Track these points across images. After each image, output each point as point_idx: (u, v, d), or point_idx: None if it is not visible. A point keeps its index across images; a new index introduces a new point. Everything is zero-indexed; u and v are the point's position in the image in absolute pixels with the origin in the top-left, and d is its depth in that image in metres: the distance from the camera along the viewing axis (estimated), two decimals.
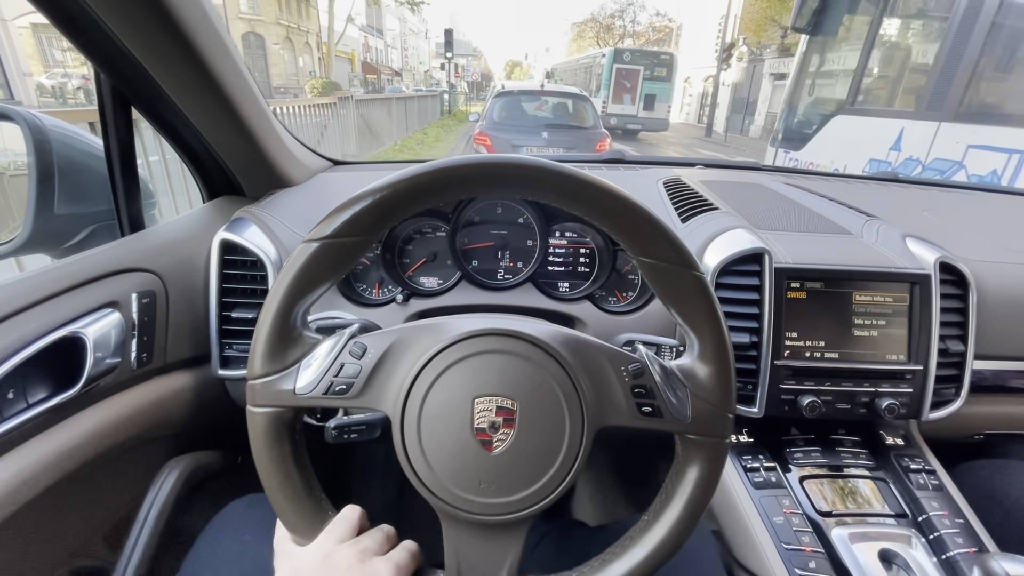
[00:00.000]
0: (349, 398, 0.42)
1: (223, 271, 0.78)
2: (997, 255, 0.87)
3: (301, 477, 0.43)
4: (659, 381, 0.43)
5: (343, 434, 0.63)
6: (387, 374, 0.43)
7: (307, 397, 0.41)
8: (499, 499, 0.41)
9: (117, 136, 0.74)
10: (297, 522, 0.43)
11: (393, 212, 0.40)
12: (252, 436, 0.42)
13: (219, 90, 0.70)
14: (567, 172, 0.40)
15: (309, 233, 0.40)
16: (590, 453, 0.42)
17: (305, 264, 0.40)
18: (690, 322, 0.43)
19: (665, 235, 0.41)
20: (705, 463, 0.44)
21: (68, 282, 0.62)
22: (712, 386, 0.43)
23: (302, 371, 0.42)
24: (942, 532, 0.66)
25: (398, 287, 0.85)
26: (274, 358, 0.41)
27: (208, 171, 0.91)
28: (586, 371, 0.43)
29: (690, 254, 0.42)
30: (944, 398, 0.77)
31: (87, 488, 0.64)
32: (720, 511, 0.75)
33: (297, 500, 0.43)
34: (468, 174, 0.40)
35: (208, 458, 0.85)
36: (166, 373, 0.75)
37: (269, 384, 0.41)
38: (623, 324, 0.84)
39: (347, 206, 0.39)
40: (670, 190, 1.03)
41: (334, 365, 0.42)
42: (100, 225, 0.85)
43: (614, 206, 0.40)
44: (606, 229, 0.42)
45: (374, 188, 0.39)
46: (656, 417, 0.43)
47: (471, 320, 0.45)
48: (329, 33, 19.95)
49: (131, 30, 0.60)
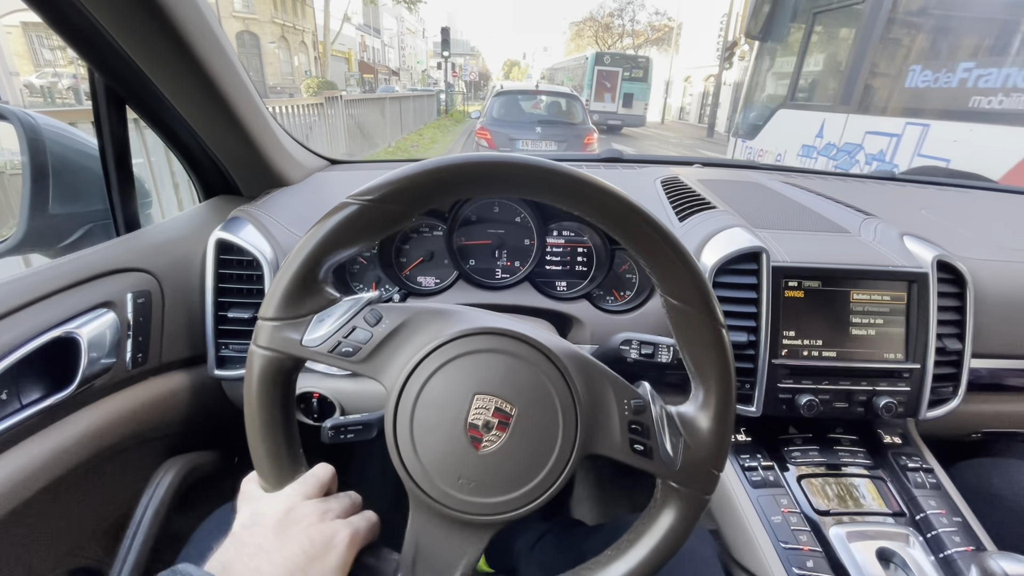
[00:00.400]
0: (353, 362, 0.42)
1: (219, 271, 0.78)
2: (994, 253, 0.87)
3: (284, 427, 0.43)
4: (657, 422, 0.43)
5: (339, 434, 0.63)
6: (396, 348, 0.42)
7: (312, 351, 0.41)
8: (473, 498, 0.40)
9: (112, 135, 0.74)
10: (269, 469, 0.43)
11: (437, 193, 0.40)
12: (247, 375, 0.41)
13: (214, 89, 0.70)
14: (610, 191, 0.39)
15: (352, 194, 0.40)
16: (570, 476, 0.41)
17: (343, 221, 0.40)
18: (701, 371, 0.43)
19: (699, 282, 0.41)
20: (680, 513, 0.43)
21: (62, 282, 0.61)
22: (708, 440, 0.43)
23: (314, 324, 0.42)
24: (940, 531, 0.66)
25: (395, 286, 0.85)
26: (290, 304, 0.41)
27: (204, 170, 0.90)
28: (589, 395, 0.42)
29: (717, 304, 0.41)
30: (941, 397, 0.77)
31: (82, 489, 0.64)
32: (718, 510, 0.74)
33: (275, 448, 0.43)
34: (503, 173, 0.39)
35: (204, 459, 0.85)
36: (162, 373, 0.75)
37: (278, 328, 0.41)
38: (620, 323, 0.83)
39: (398, 176, 0.39)
40: (668, 189, 1.03)
41: (346, 326, 0.42)
42: (95, 224, 0.84)
43: (656, 240, 0.40)
44: (640, 260, 0.42)
45: (426, 164, 0.39)
46: (645, 457, 0.42)
47: (489, 316, 0.44)
48: (325, 32, 19.72)
49: (125, 29, 0.59)
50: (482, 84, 62.08)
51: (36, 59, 15.82)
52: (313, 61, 28.92)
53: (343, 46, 32.54)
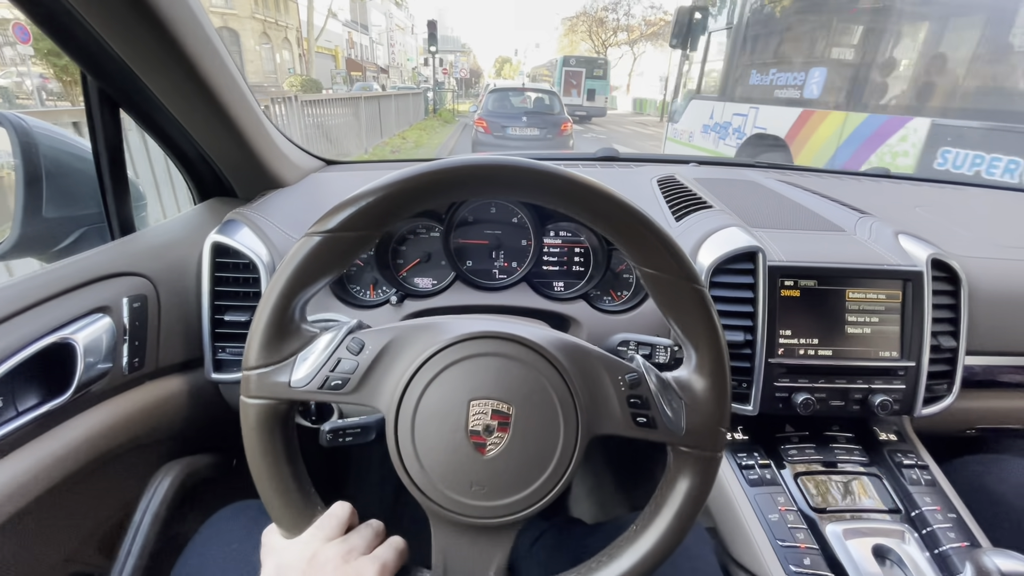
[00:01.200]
0: (344, 394, 0.42)
1: (215, 274, 0.77)
2: (988, 251, 0.87)
3: (291, 471, 0.43)
4: (655, 392, 0.43)
5: (338, 437, 0.63)
6: (384, 371, 0.42)
7: (302, 391, 0.41)
8: (489, 502, 0.41)
9: (105, 138, 0.73)
10: (285, 516, 0.43)
11: (399, 209, 0.40)
12: (244, 427, 0.41)
13: (208, 91, 0.69)
14: (572, 177, 0.39)
15: (312, 226, 0.40)
16: (583, 459, 0.42)
17: (307, 257, 0.40)
18: (689, 334, 0.43)
19: (668, 246, 0.41)
20: (696, 476, 0.44)
21: (57, 287, 0.61)
22: (708, 399, 0.43)
23: (298, 364, 0.42)
24: (935, 527, 0.66)
25: (392, 288, 0.85)
26: (270, 350, 0.41)
27: (199, 172, 0.90)
28: (583, 379, 0.43)
29: (692, 266, 0.42)
30: (936, 394, 0.77)
31: (80, 495, 0.63)
32: (715, 508, 0.75)
33: (286, 494, 0.42)
34: (477, 174, 0.40)
35: (202, 462, 0.85)
36: (158, 378, 0.75)
37: (264, 375, 0.41)
38: (618, 323, 0.84)
39: (353, 201, 0.39)
40: (664, 188, 1.03)
41: (331, 360, 0.42)
42: (90, 228, 0.84)
43: (617, 213, 0.40)
44: (608, 236, 0.42)
45: (381, 184, 0.39)
46: (650, 428, 0.43)
47: (470, 321, 0.44)
48: (309, 28, 19.07)
49: (117, 31, 0.59)
50: (473, 81, 61.03)
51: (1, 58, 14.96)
52: (298, 58, 27.98)
53: (329, 43, 31.62)
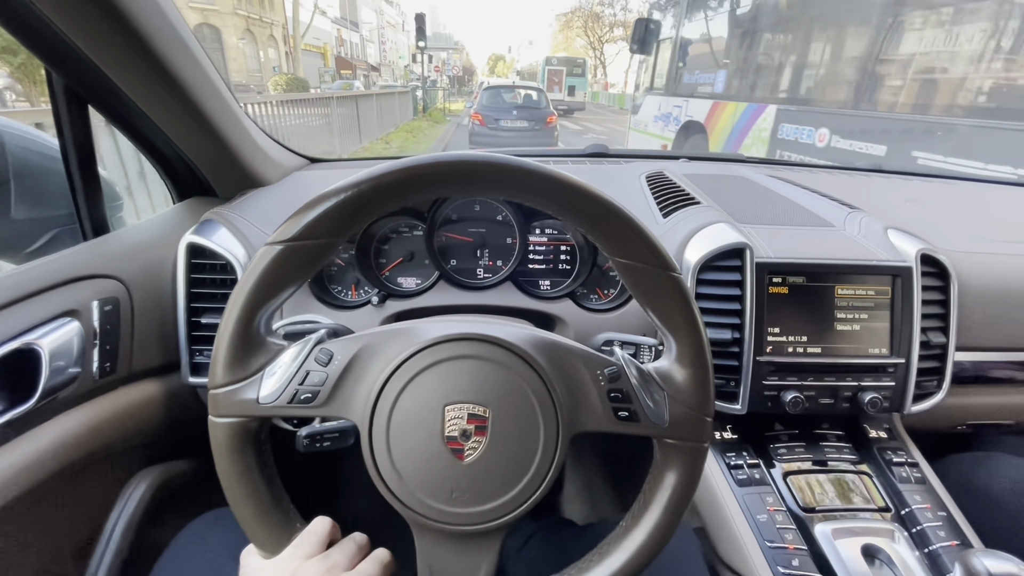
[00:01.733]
0: (315, 407, 0.40)
1: (191, 275, 0.75)
2: (978, 245, 0.87)
3: (267, 488, 0.42)
4: (636, 384, 0.42)
5: (315, 442, 0.61)
6: (354, 381, 0.41)
7: (271, 407, 0.40)
8: (472, 508, 0.40)
9: (74, 137, 0.71)
10: (263, 536, 0.41)
11: (360, 212, 0.38)
12: (215, 448, 0.40)
13: (180, 88, 0.67)
14: (538, 170, 0.38)
15: (272, 235, 0.38)
16: (566, 458, 0.41)
17: (267, 268, 0.38)
18: (667, 324, 0.42)
19: (641, 235, 0.40)
20: (683, 468, 0.43)
21: (21, 291, 0.59)
22: (690, 389, 0.42)
23: (266, 379, 0.40)
24: (924, 525, 0.66)
25: (374, 288, 0.83)
26: (236, 366, 0.40)
27: (176, 171, 0.87)
28: (560, 375, 0.42)
29: (667, 254, 0.40)
30: (926, 391, 0.77)
31: (49, 505, 0.61)
32: (703, 508, 0.74)
33: (263, 513, 0.41)
34: (437, 172, 0.38)
35: (179, 468, 0.83)
36: (132, 382, 0.73)
37: (231, 393, 0.40)
38: (604, 322, 0.82)
39: (311, 207, 0.38)
40: (652, 184, 1.02)
41: (299, 372, 0.40)
42: (63, 229, 0.82)
43: (588, 205, 0.39)
44: (581, 229, 0.41)
45: (339, 187, 0.37)
46: (633, 422, 0.42)
47: (441, 324, 0.43)
48: (294, 24, 18.44)
49: (80, 27, 0.57)
50: (466, 79, 60.08)
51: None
52: (284, 56, 26.84)
53: (318, 40, 30.87)
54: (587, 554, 0.44)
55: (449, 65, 50.71)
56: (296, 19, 18.74)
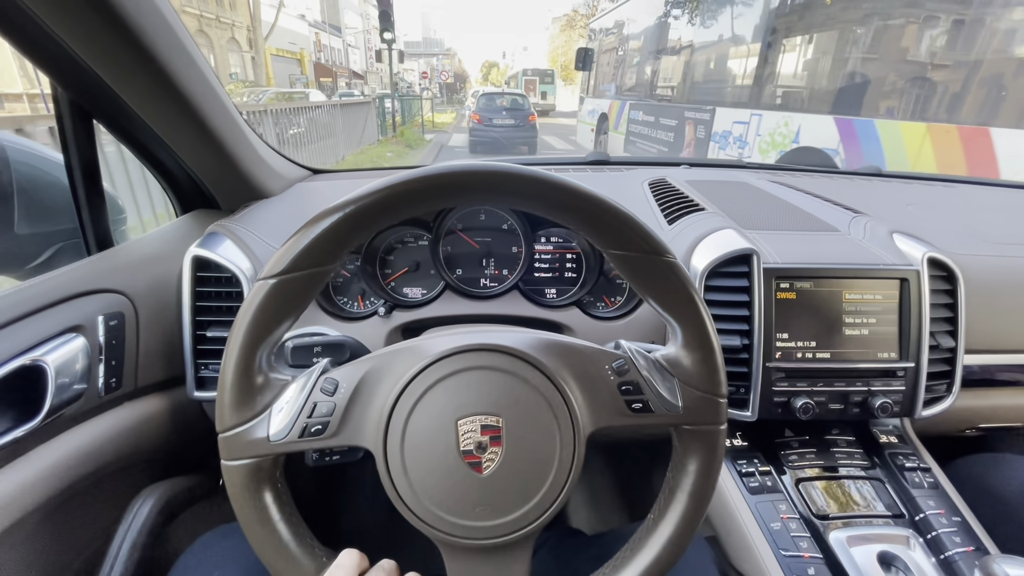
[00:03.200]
0: (326, 438, 0.40)
1: (196, 288, 0.75)
2: (980, 248, 0.87)
3: (289, 527, 0.41)
4: (645, 375, 0.42)
5: (324, 457, 0.61)
6: (363, 407, 0.41)
7: (282, 443, 0.39)
8: (497, 520, 0.39)
9: (79, 151, 0.71)
10: (290, 575, 0.40)
11: (349, 237, 0.38)
12: (231, 492, 0.39)
13: (185, 101, 0.67)
14: (521, 173, 0.38)
15: (264, 269, 0.38)
16: (584, 458, 0.40)
17: (262, 304, 0.38)
18: (669, 310, 0.42)
19: (630, 223, 0.40)
20: (703, 452, 0.43)
21: (26, 307, 0.58)
22: (700, 372, 0.42)
23: (274, 416, 0.40)
24: (939, 531, 0.65)
25: (380, 299, 0.83)
26: (242, 407, 0.39)
27: (180, 184, 0.87)
28: (570, 375, 0.42)
29: (659, 240, 0.40)
30: (936, 394, 0.76)
31: (55, 524, 0.60)
32: (715, 517, 0.73)
33: (287, 552, 0.40)
34: (423, 187, 0.38)
35: (186, 483, 0.82)
36: (137, 397, 0.72)
37: (241, 435, 0.39)
38: (612, 330, 0.82)
39: (298, 238, 0.37)
40: (656, 191, 1.02)
41: (307, 405, 0.40)
42: (66, 244, 0.81)
43: (575, 201, 0.39)
44: (572, 226, 0.41)
45: (323, 214, 0.37)
46: (647, 412, 0.42)
47: (445, 338, 0.43)
48: (256, 24, 15.95)
49: (86, 41, 0.57)
50: (458, 86, 58.61)
51: None
52: (250, 61, 23.41)
53: (294, 45, 28.59)
54: (619, 551, 0.44)
55: (439, 71, 48.36)
56: (257, 17, 16.58)
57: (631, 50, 7.39)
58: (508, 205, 0.40)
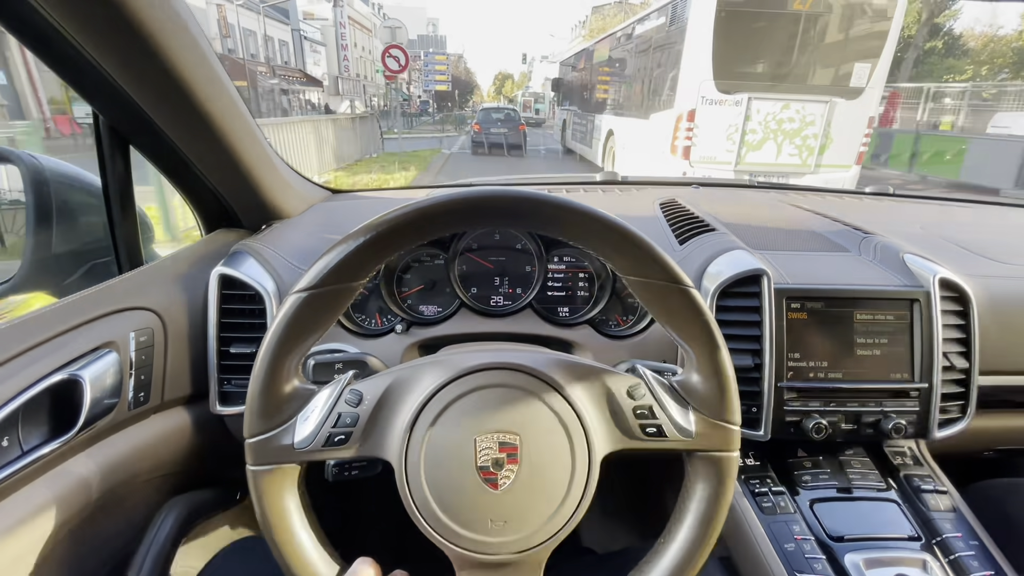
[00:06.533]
0: (349, 447, 0.41)
1: (222, 306, 0.78)
2: (991, 269, 0.87)
3: (308, 534, 0.42)
4: (660, 400, 0.43)
5: (344, 471, 0.62)
6: (385, 420, 0.42)
7: (307, 451, 0.41)
8: (510, 536, 0.40)
9: (115, 173, 0.74)
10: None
11: (377, 255, 0.40)
12: (255, 496, 0.41)
13: (216, 126, 0.71)
14: (547, 200, 0.40)
15: (298, 283, 0.40)
16: (599, 478, 0.41)
17: (292, 317, 0.40)
18: (684, 336, 0.43)
19: (651, 252, 0.41)
20: (715, 478, 0.43)
21: (65, 324, 0.61)
22: (714, 400, 0.43)
23: (300, 424, 0.41)
24: (958, 555, 0.64)
25: (397, 316, 0.85)
26: (270, 414, 0.41)
27: (205, 204, 0.91)
28: (587, 397, 0.43)
29: (677, 269, 0.42)
30: (951, 415, 0.76)
31: (83, 535, 0.62)
32: (729, 537, 0.73)
33: (306, 558, 0.42)
34: (450, 210, 0.40)
35: (207, 496, 0.83)
36: (162, 411, 0.74)
37: (267, 441, 0.41)
38: (625, 347, 0.83)
39: (332, 255, 0.39)
40: (667, 212, 1.04)
41: (331, 415, 0.42)
42: (98, 262, 0.85)
43: (597, 228, 0.41)
44: (594, 252, 0.42)
45: (356, 232, 0.39)
46: (660, 437, 0.43)
47: (466, 355, 0.44)
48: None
49: (127, 71, 0.60)
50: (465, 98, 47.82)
51: None
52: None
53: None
54: (627, 574, 0.44)
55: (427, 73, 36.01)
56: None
57: (570, 81, 12.97)
58: (533, 230, 0.43)
